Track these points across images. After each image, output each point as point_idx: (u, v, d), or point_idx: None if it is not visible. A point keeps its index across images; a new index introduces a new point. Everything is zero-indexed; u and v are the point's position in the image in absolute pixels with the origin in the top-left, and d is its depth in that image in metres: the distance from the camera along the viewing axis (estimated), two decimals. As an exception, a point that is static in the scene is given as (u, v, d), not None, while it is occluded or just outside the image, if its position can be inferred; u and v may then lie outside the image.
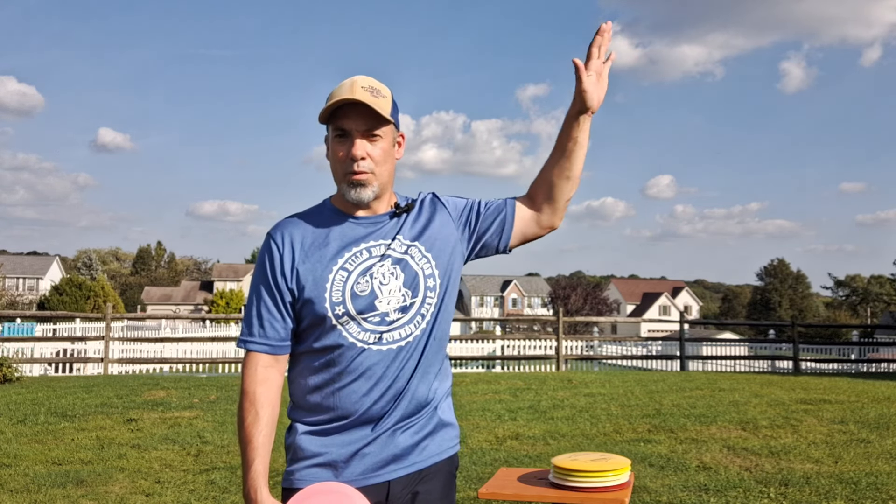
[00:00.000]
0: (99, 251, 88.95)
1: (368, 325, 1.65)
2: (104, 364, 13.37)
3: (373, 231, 1.71)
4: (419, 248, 1.72)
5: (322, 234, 1.70)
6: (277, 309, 1.67)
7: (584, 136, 1.80)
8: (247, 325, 1.70)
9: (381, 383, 1.65)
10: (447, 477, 1.77)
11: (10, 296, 48.15)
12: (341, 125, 1.65)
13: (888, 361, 16.71)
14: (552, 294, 51.19)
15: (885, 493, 4.59)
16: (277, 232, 1.71)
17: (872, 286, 68.98)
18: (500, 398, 8.99)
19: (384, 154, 1.68)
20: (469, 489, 4.74)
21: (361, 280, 1.66)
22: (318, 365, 1.67)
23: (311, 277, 1.65)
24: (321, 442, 1.66)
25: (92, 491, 4.78)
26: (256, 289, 1.69)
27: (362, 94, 1.62)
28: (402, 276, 1.69)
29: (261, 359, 1.67)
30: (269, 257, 1.68)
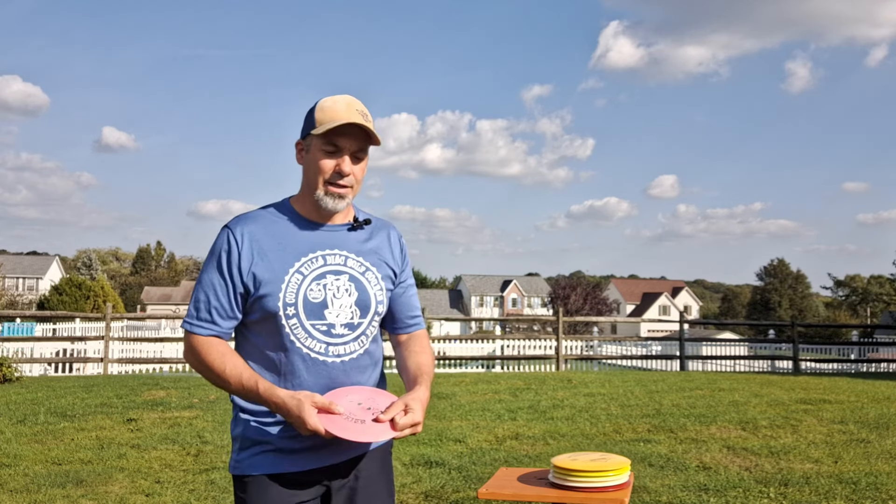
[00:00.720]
0: (99, 251, 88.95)
1: (316, 334, 1.74)
2: (104, 364, 13.37)
3: (330, 240, 1.81)
4: (375, 273, 1.83)
5: (281, 235, 1.77)
6: (228, 300, 1.73)
7: None
8: (194, 308, 1.75)
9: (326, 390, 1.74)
10: (383, 455, 1.90)
11: (9, 296, 48.15)
12: (336, 142, 1.74)
13: (888, 361, 16.71)
14: (552, 294, 51.21)
15: (884, 493, 4.59)
16: (237, 227, 1.76)
17: (872, 286, 68.97)
18: (499, 398, 8.99)
19: (363, 173, 1.81)
20: (469, 489, 4.74)
21: (315, 286, 1.74)
22: (267, 362, 1.75)
23: (268, 276, 1.72)
24: (266, 431, 1.73)
25: (92, 491, 4.78)
26: (209, 277, 1.74)
27: (358, 117, 1.73)
28: (355, 294, 1.79)
29: (207, 340, 1.74)
30: (228, 250, 1.74)
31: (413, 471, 5.23)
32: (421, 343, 1.93)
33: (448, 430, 6.73)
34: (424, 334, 1.97)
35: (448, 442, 6.25)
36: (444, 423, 7.14)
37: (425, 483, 4.89)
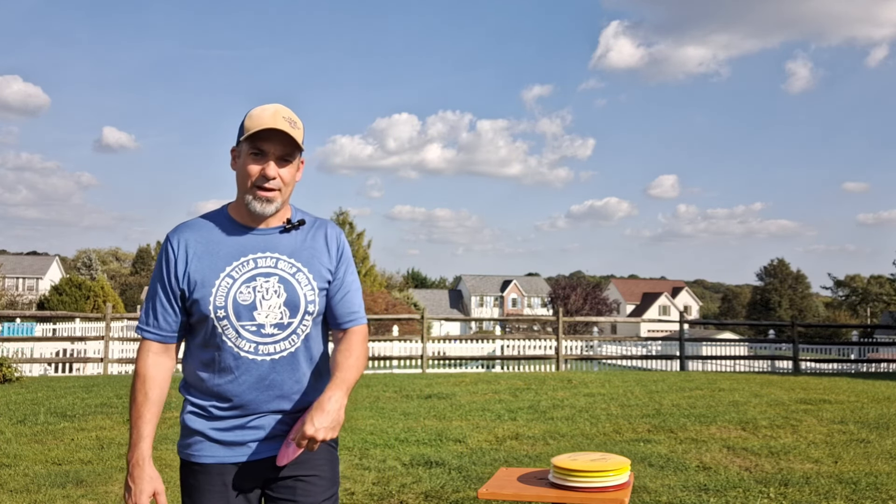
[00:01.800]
0: (98, 251, 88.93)
1: (246, 334, 1.84)
2: (104, 364, 13.37)
3: (262, 243, 1.89)
4: (306, 274, 1.90)
5: (214, 241, 1.88)
6: (170, 304, 1.87)
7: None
8: (144, 314, 1.91)
9: (260, 386, 1.86)
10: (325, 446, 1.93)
11: (9, 296, 48.14)
12: (260, 146, 1.84)
13: (888, 361, 16.71)
14: (552, 294, 51.20)
15: (884, 493, 4.59)
16: (175, 236, 1.90)
17: (872, 286, 68.98)
18: (499, 398, 8.99)
19: (290, 177, 1.89)
20: (469, 489, 4.74)
21: (244, 289, 1.85)
22: (205, 359, 1.88)
23: (200, 280, 1.84)
24: (204, 423, 1.88)
25: (92, 491, 4.78)
26: (154, 285, 1.89)
27: (283, 123, 1.83)
28: (284, 295, 1.87)
29: (153, 346, 1.88)
30: (166, 259, 1.88)
31: (413, 471, 5.23)
32: (350, 341, 1.95)
33: (448, 430, 6.73)
34: (359, 331, 1.99)
35: (448, 442, 6.25)
36: (444, 423, 7.14)
37: (425, 483, 4.90)
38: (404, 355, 16.27)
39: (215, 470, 1.86)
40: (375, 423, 7.08)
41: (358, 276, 2.13)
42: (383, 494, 4.66)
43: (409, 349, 16.72)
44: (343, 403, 1.80)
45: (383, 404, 8.44)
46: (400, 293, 54.64)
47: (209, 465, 1.86)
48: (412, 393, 9.38)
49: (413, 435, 6.49)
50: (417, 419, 7.39)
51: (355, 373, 1.90)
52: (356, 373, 1.90)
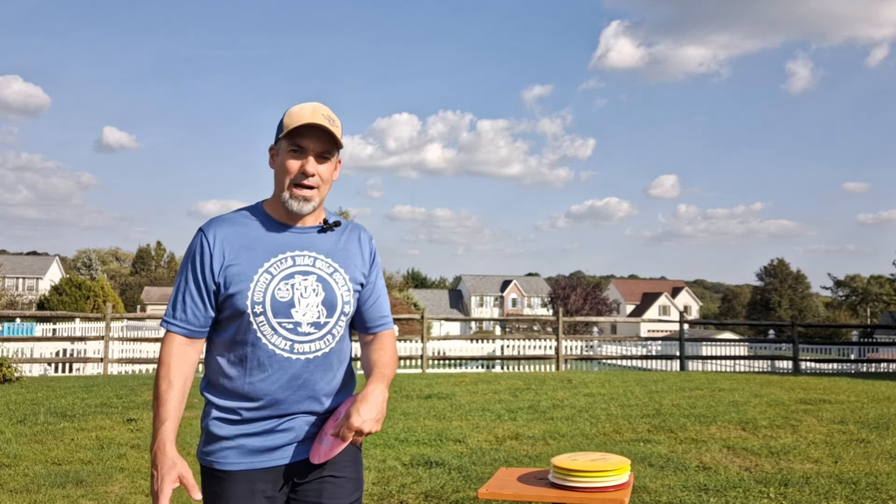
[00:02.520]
0: (98, 251, 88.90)
1: (282, 332, 1.81)
2: (104, 364, 13.37)
3: (299, 241, 1.88)
4: (343, 275, 1.90)
5: (252, 237, 1.85)
6: (201, 298, 1.83)
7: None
8: (171, 307, 1.85)
9: (292, 385, 1.82)
10: (351, 447, 1.90)
11: (9, 296, 48.13)
12: (300, 143, 1.83)
13: (888, 361, 16.71)
14: (552, 294, 51.20)
15: (884, 493, 4.59)
16: (210, 229, 1.85)
17: (872, 286, 68.97)
18: (499, 398, 8.99)
19: (329, 174, 1.88)
20: (469, 489, 4.74)
21: (283, 286, 1.82)
22: (235, 357, 1.83)
23: (238, 275, 1.80)
24: (231, 428, 1.82)
25: (91, 491, 4.78)
26: (184, 277, 1.84)
27: (322, 120, 1.82)
28: (322, 294, 1.86)
29: (178, 339, 1.83)
30: (200, 251, 1.83)
31: (413, 471, 5.23)
32: (382, 342, 1.97)
33: (448, 431, 6.73)
34: (390, 334, 2.01)
35: (448, 442, 6.25)
36: (444, 424, 7.14)
37: (425, 483, 4.89)
38: (404, 355, 16.26)
39: (242, 477, 1.80)
40: (375, 423, 7.08)
41: None
42: (383, 494, 4.66)
43: (409, 349, 16.72)
44: (386, 397, 1.79)
45: (383, 404, 8.44)
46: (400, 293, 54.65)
47: (235, 472, 1.80)
48: (412, 393, 9.38)
49: (413, 435, 6.48)
50: (417, 419, 7.39)
51: (392, 370, 1.90)
52: (393, 370, 1.90)
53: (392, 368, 1.90)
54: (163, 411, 1.75)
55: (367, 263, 1.96)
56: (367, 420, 1.71)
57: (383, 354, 1.92)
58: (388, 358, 1.92)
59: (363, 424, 1.70)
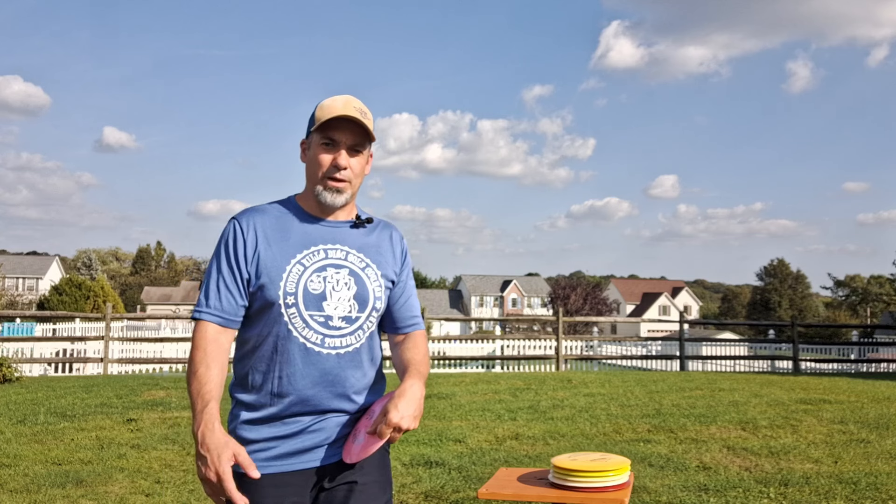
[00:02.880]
0: (99, 251, 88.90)
1: (314, 324, 1.77)
2: (104, 364, 13.37)
3: (332, 235, 1.85)
4: (375, 270, 1.87)
5: (285, 228, 1.83)
6: (236, 286, 1.78)
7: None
8: (204, 296, 1.80)
9: (322, 381, 1.78)
10: (380, 451, 1.86)
11: (9, 296, 48.12)
12: (332, 135, 1.81)
13: (888, 361, 16.71)
14: (552, 294, 51.18)
15: (884, 493, 4.59)
16: (243, 218, 1.83)
17: (872, 286, 68.96)
18: (499, 398, 8.99)
19: (361, 168, 1.86)
20: (469, 489, 4.74)
21: (315, 278, 1.79)
22: (265, 351, 1.78)
23: (270, 265, 1.77)
24: (260, 430, 1.77)
25: (92, 491, 4.78)
26: (217, 265, 1.80)
27: (354, 112, 1.80)
28: (354, 288, 1.82)
29: (211, 327, 1.77)
30: (234, 239, 1.80)
31: (413, 471, 5.23)
32: (415, 341, 1.94)
33: (448, 431, 6.73)
34: (422, 334, 1.98)
35: (448, 442, 6.25)
36: (444, 424, 7.14)
37: (425, 483, 4.89)
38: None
39: (271, 480, 1.73)
40: (375, 423, 7.08)
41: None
42: (383, 494, 4.66)
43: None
44: (423, 394, 1.75)
45: (383, 404, 8.44)
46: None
47: (264, 476, 1.72)
48: (412, 393, 9.37)
49: (413, 435, 6.48)
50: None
51: (427, 368, 1.86)
52: (428, 368, 1.87)
53: (427, 367, 1.87)
54: (205, 391, 1.67)
55: (398, 262, 1.94)
56: (405, 416, 1.66)
57: (417, 353, 1.89)
58: (422, 356, 1.89)
59: (402, 420, 1.65)
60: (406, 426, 1.66)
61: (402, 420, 1.66)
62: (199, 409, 1.64)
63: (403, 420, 1.66)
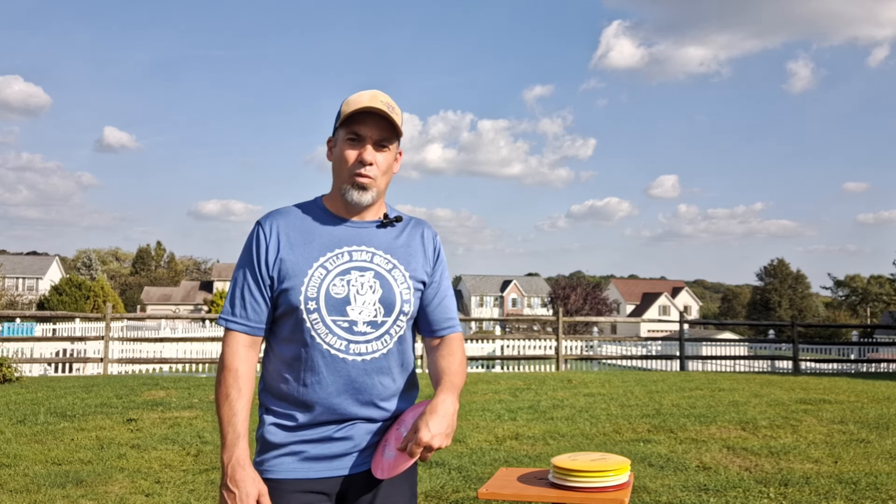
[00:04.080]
0: (98, 251, 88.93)
1: (337, 330, 1.71)
2: (104, 364, 13.37)
3: (357, 236, 1.78)
4: (402, 272, 1.79)
5: (308, 230, 1.77)
6: (260, 292, 1.74)
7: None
8: (230, 304, 1.77)
9: (347, 389, 1.72)
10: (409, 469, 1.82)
11: (9, 296, 48.12)
12: (357, 130, 1.74)
13: (888, 361, 16.71)
14: (552, 294, 51.18)
15: (884, 493, 4.59)
16: (267, 221, 1.78)
17: (872, 286, 68.96)
18: (499, 398, 8.99)
19: (388, 164, 1.78)
20: (469, 489, 4.74)
21: (338, 282, 1.73)
22: (289, 357, 1.74)
23: (292, 269, 1.72)
24: (287, 435, 1.73)
25: (91, 491, 4.78)
26: (242, 272, 1.76)
27: (381, 105, 1.72)
28: (380, 291, 1.75)
29: (241, 338, 1.74)
30: (257, 244, 1.75)
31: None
32: (450, 347, 1.85)
33: (448, 430, 6.73)
34: (457, 338, 1.89)
35: (448, 442, 6.24)
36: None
37: (425, 483, 4.89)
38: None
39: (297, 485, 1.70)
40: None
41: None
42: (383, 494, 4.66)
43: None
44: (457, 408, 1.67)
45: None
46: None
47: (290, 481, 1.70)
48: (412, 393, 9.38)
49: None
50: (417, 419, 7.39)
51: (462, 378, 1.78)
52: (463, 378, 1.78)
53: (462, 377, 1.78)
54: (236, 421, 1.67)
55: (430, 262, 1.85)
56: (437, 434, 1.59)
57: (452, 361, 1.80)
58: (457, 365, 1.79)
59: (433, 440, 1.58)
60: (437, 445, 1.60)
61: (434, 439, 1.59)
62: (231, 442, 1.65)
63: (434, 439, 1.59)
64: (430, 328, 1.87)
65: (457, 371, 1.78)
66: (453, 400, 1.68)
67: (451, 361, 1.80)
